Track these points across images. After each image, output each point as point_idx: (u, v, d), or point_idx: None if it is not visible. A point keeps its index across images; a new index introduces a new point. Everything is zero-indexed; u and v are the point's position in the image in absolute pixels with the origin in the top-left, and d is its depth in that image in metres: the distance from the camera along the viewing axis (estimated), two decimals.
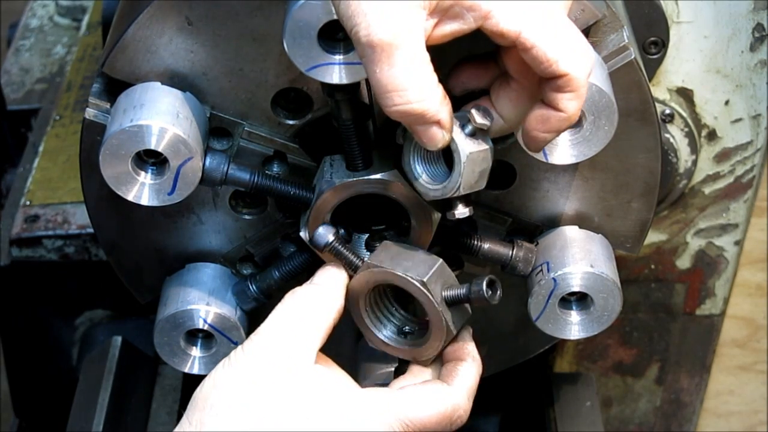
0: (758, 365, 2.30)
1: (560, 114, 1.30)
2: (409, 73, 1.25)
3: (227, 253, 1.60)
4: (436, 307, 1.42)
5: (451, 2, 1.24)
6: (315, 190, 1.48)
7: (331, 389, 1.37)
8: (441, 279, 1.44)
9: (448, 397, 1.40)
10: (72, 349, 2.32)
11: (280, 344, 1.37)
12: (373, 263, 1.44)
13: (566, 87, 1.28)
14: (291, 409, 1.34)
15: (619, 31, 1.45)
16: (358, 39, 1.24)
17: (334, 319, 1.42)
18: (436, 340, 1.45)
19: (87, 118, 1.47)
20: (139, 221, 1.56)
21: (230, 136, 1.51)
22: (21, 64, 2.76)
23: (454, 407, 1.40)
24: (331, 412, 1.35)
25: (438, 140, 1.32)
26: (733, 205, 1.99)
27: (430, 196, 1.41)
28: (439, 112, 1.29)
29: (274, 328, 1.39)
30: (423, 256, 1.45)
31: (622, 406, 2.25)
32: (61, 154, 2.41)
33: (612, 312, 1.53)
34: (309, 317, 1.40)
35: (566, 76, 1.27)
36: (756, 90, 1.85)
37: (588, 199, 1.57)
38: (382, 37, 1.23)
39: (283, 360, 1.36)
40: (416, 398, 1.39)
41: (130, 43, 1.42)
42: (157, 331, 1.56)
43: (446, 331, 1.44)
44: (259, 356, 1.37)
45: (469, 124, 1.35)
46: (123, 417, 1.90)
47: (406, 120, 1.29)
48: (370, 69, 1.25)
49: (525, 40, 1.25)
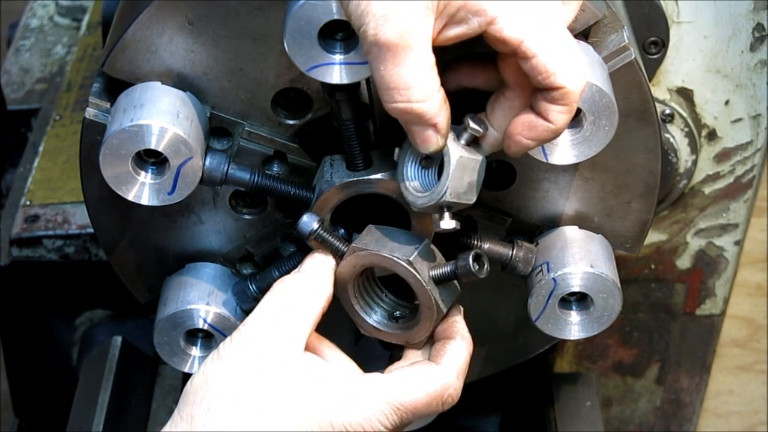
0: (758, 365, 2.30)
1: (548, 125, 1.32)
2: (413, 73, 1.26)
3: (227, 253, 1.60)
4: (424, 286, 1.42)
5: (458, 6, 1.25)
6: (315, 190, 1.49)
7: (318, 378, 1.36)
8: (427, 258, 1.43)
9: (437, 377, 1.40)
10: (72, 349, 2.32)
11: (267, 335, 1.37)
12: (358, 246, 1.43)
13: (560, 100, 1.30)
14: (279, 401, 1.33)
15: (620, 31, 1.45)
16: (366, 37, 1.25)
17: (323, 307, 1.42)
18: (426, 321, 1.45)
19: (87, 117, 1.47)
20: (139, 221, 1.56)
21: (230, 136, 1.51)
22: (21, 64, 2.76)
23: (443, 387, 1.40)
24: (318, 402, 1.34)
25: (432, 143, 1.33)
26: (733, 205, 1.99)
27: (417, 204, 1.41)
28: (437, 115, 1.30)
29: (262, 319, 1.39)
30: (408, 237, 1.45)
31: (622, 406, 2.25)
32: (61, 154, 2.41)
33: (612, 312, 1.53)
34: (296, 306, 1.40)
35: (562, 90, 1.29)
36: (756, 90, 1.85)
37: (588, 200, 1.57)
38: (390, 36, 1.24)
39: (271, 351, 1.36)
40: (404, 381, 1.38)
41: (130, 43, 1.42)
42: (157, 330, 1.56)
43: (436, 310, 1.43)
44: (247, 348, 1.36)
45: (465, 132, 1.36)
46: (123, 417, 1.91)
47: (404, 118, 1.31)
48: (375, 67, 1.27)
49: (527, 49, 1.27)
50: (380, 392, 1.37)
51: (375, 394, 1.36)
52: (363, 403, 1.35)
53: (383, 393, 1.37)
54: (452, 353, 1.43)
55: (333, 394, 1.35)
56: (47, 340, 2.31)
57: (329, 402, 1.35)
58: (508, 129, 1.35)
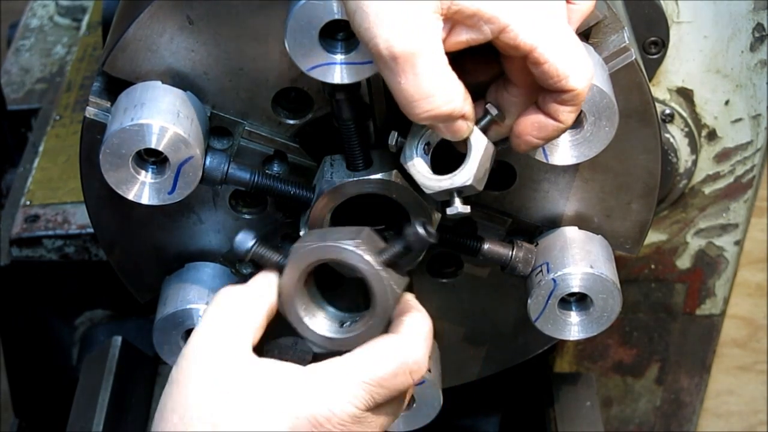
0: (758, 365, 2.31)
1: (558, 125, 1.33)
2: (433, 79, 1.26)
3: (227, 253, 1.60)
4: (375, 268, 1.34)
5: (470, 13, 1.25)
6: (315, 189, 1.49)
7: (272, 375, 1.31)
8: (372, 243, 1.36)
9: (399, 345, 1.33)
10: (72, 349, 2.31)
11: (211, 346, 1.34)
12: (300, 245, 1.37)
13: (571, 101, 1.30)
14: (237, 405, 1.29)
15: (620, 32, 1.46)
16: (379, 52, 1.24)
17: (265, 314, 1.37)
18: (380, 311, 1.36)
19: (87, 116, 1.47)
20: (139, 220, 1.56)
21: (230, 136, 1.51)
22: (21, 64, 2.76)
23: (406, 354, 1.33)
24: (280, 396, 1.30)
25: (464, 131, 1.34)
26: (733, 205, 1.99)
27: (429, 187, 1.39)
28: (463, 107, 1.31)
29: (204, 330, 1.35)
30: (348, 229, 1.39)
31: (622, 406, 2.25)
32: (61, 154, 2.40)
33: (611, 313, 1.53)
34: (238, 314, 1.36)
35: (573, 92, 1.29)
36: (756, 90, 1.86)
37: (588, 200, 1.57)
38: (404, 47, 1.23)
39: (219, 359, 1.32)
40: (364, 356, 1.32)
41: (131, 42, 1.42)
42: (156, 330, 1.56)
43: (390, 294, 1.35)
44: (195, 358, 1.33)
45: (483, 119, 1.37)
46: (123, 417, 1.90)
47: (435, 122, 1.31)
48: (394, 81, 1.26)
49: (539, 55, 1.27)
50: (343, 373, 1.31)
51: (338, 377, 1.31)
52: (326, 390, 1.30)
53: (346, 373, 1.31)
54: (410, 322, 1.36)
55: (293, 388, 1.30)
56: (47, 340, 2.31)
57: (291, 397, 1.30)
58: (518, 129, 1.35)
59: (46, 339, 2.31)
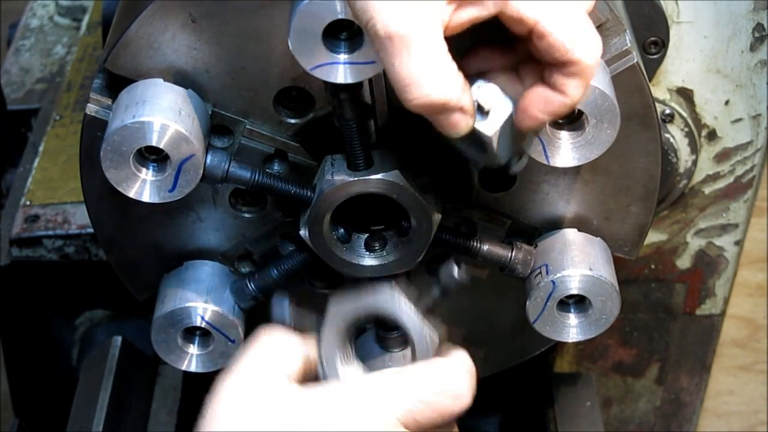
0: (758, 365, 2.31)
1: (564, 99, 1.29)
2: (429, 64, 1.23)
3: (226, 251, 1.60)
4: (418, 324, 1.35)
5: None
6: (315, 189, 1.48)
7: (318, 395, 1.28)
8: (405, 292, 1.37)
9: (448, 370, 1.30)
10: (72, 349, 2.31)
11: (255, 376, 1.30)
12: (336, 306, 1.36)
13: (577, 73, 1.27)
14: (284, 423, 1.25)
15: (622, 34, 1.46)
16: (375, 32, 1.22)
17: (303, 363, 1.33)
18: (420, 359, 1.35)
19: (88, 114, 1.47)
20: (139, 218, 1.56)
21: (231, 134, 1.51)
22: (21, 64, 2.76)
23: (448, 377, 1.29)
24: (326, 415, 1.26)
25: (462, 126, 1.30)
26: (733, 205, 1.99)
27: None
28: (460, 99, 1.27)
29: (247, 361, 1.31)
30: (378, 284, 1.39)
31: (622, 406, 2.25)
32: (61, 154, 2.40)
33: (610, 315, 1.53)
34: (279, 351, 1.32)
35: (579, 64, 1.26)
36: (756, 90, 1.86)
37: (587, 203, 1.58)
38: (399, 28, 1.21)
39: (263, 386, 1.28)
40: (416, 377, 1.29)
41: (132, 39, 1.42)
42: (155, 328, 1.55)
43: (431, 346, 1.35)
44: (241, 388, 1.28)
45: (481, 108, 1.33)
46: (123, 417, 1.90)
47: (427, 111, 1.27)
48: (388, 62, 1.23)
49: (543, 27, 1.25)
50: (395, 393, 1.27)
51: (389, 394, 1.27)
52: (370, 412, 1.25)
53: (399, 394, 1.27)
54: (455, 352, 1.33)
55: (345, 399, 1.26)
56: (47, 340, 2.31)
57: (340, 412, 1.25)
58: (523, 103, 1.31)
59: (46, 339, 2.31)
